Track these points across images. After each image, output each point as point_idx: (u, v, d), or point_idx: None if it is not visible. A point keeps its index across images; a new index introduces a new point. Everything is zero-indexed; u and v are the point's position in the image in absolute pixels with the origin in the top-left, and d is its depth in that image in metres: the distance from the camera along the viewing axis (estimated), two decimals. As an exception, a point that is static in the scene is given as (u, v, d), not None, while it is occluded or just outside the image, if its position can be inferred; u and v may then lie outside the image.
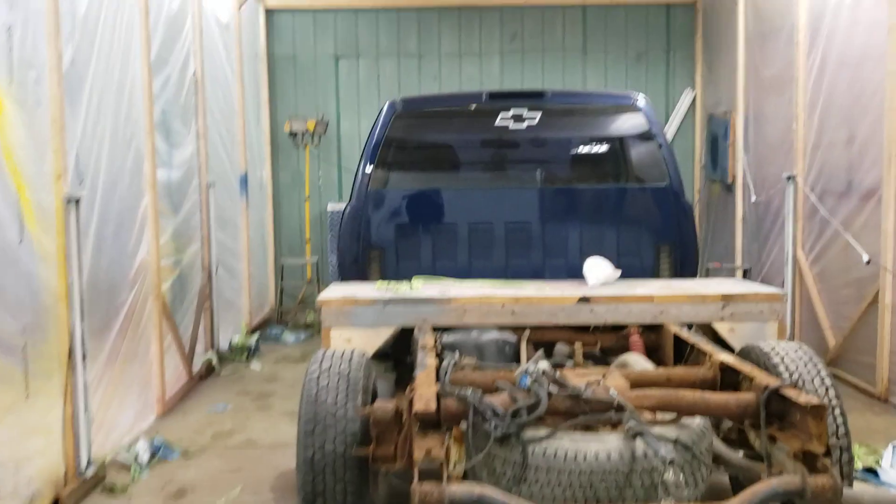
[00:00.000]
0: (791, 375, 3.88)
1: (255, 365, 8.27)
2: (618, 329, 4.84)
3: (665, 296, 4.74)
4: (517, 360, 4.53)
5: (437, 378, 3.66)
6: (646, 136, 6.08)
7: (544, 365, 3.47)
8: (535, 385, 3.31)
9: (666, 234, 6.05)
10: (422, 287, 5.14)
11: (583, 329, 4.90)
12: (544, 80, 11.08)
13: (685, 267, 6.09)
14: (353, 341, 4.69)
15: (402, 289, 4.98)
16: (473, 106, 6.15)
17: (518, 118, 6.04)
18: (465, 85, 11.03)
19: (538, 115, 6.05)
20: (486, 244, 6.02)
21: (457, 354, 3.98)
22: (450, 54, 11.15)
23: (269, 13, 10.96)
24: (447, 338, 4.53)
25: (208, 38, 8.27)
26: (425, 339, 4.33)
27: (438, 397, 3.21)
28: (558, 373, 3.52)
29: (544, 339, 4.90)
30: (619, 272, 5.36)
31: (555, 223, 6.03)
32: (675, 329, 4.57)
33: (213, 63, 8.44)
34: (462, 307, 4.70)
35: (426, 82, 11.04)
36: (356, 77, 11.11)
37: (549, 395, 3.29)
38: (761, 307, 4.71)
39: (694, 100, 11.23)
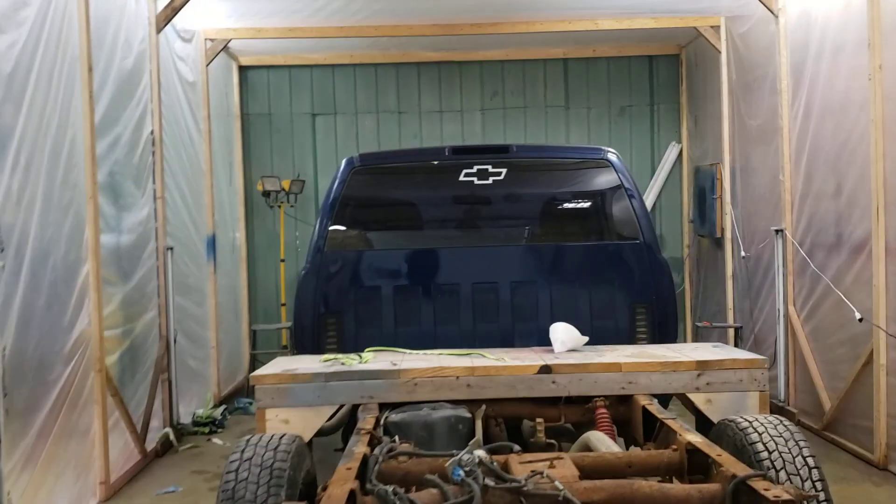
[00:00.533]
0: (770, 455, 3.44)
1: (218, 440, 7.78)
2: (584, 401, 4.39)
3: (634, 363, 4.30)
4: (471, 438, 4.07)
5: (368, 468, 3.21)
6: (616, 191, 5.71)
7: (481, 453, 3.03)
8: (468, 478, 2.87)
9: (641, 292, 5.63)
10: (372, 359, 4.71)
11: (549, 401, 4.46)
12: (527, 136, 10.78)
13: (664, 328, 5.65)
14: (291, 423, 4.24)
15: (349, 362, 4.55)
16: (436, 161, 5.80)
17: (483, 174, 5.68)
18: (448, 142, 10.73)
19: (503, 170, 5.69)
20: (451, 308, 5.60)
21: (390, 440, 3.53)
22: (430, 111, 10.88)
23: (243, 70, 10.73)
24: (394, 416, 4.08)
25: (170, 96, 8.00)
26: (364, 421, 3.88)
27: (353, 497, 2.76)
28: (498, 462, 3.07)
29: (504, 414, 4.45)
30: (585, 338, 4.94)
31: (524, 284, 5.62)
32: (644, 401, 4.12)
33: (175, 122, 8.15)
34: (412, 381, 4.26)
35: (406, 139, 10.75)
36: (333, 134, 10.84)
37: (485, 489, 2.85)
38: (741, 375, 4.27)
39: (680, 153, 10.91)
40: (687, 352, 4.64)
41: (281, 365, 4.64)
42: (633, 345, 5.19)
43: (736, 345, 8.77)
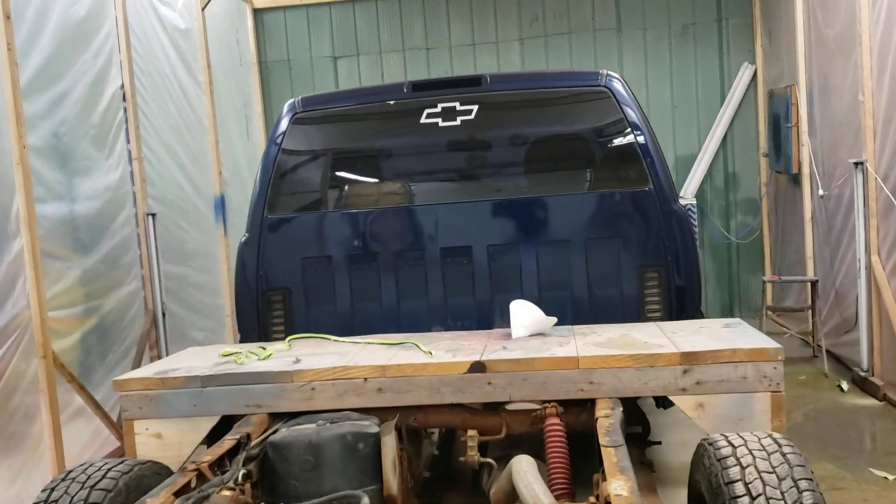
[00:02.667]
0: (755, 501, 2.38)
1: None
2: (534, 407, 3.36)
3: (595, 357, 3.22)
4: (377, 461, 3.13)
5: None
6: (619, 127, 4.53)
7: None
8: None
9: (651, 253, 4.48)
10: (283, 352, 3.81)
11: (489, 407, 3.46)
12: (573, 66, 9.50)
13: (682, 298, 4.50)
14: (164, 438, 3.41)
15: (248, 357, 3.66)
16: (392, 102, 4.76)
17: (449, 113, 4.61)
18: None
19: (474, 108, 4.60)
20: (416, 279, 4.62)
21: (222, 479, 2.63)
22: (462, 45, 9.74)
23: (258, 14, 9.86)
24: (278, 434, 3.18)
25: (149, 46, 7.22)
26: (210, 450, 3.00)
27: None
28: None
29: (430, 424, 3.48)
30: (552, 319, 3.87)
31: (504, 248, 4.57)
32: (602, 411, 3.05)
33: (158, 74, 7.38)
34: (309, 385, 3.34)
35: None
36: (357, 78, 9.86)
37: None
38: (744, 371, 3.13)
39: (754, 75, 9.37)
40: (682, 336, 3.50)
41: (152, 367, 3.80)
42: (630, 323, 4.08)
43: (813, 302, 7.41)
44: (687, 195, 9.38)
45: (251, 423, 3.27)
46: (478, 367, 3.26)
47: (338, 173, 4.88)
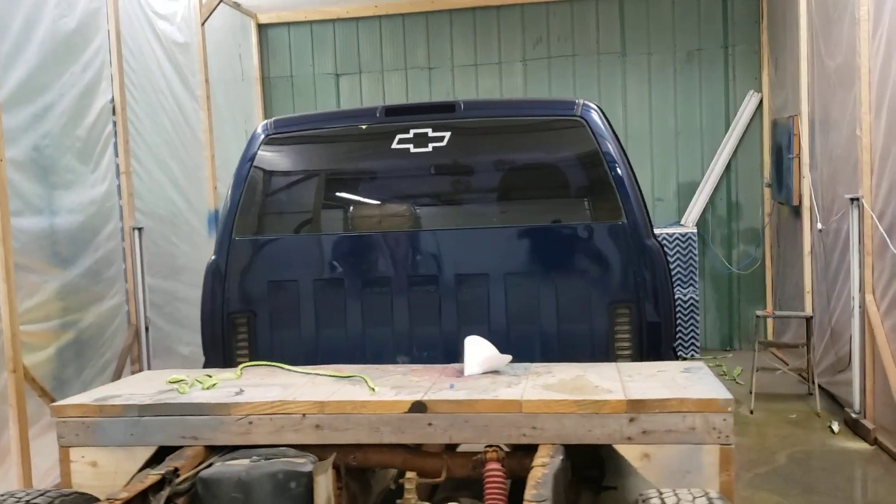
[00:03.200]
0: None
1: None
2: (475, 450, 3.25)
3: (539, 402, 3.10)
4: (310, 501, 3.03)
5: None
6: (592, 159, 4.41)
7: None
8: None
9: (623, 289, 4.35)
10: (230, 380, 3.73)
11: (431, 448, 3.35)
12: (576, 88, 9.40)
13: (654, 336, 4.37)
14: (100, 466, 3.33)
15: (194, 385, 3.58)
16: (364, 126, 4.68)
17: (420, 140, 4.52)
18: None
19: (446, 134, 4.51)
20: (382, 307, 4.52)
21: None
22: (464, 65, 9.68)
23: (262, 29, 9.87)
24: (208, 470, 3.09)
25: (143, 60, 7.23)
26: (141, 480, 2.92)
27: None
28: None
29: (369, 464, 3.37)
30: (507, 357, 3.75)
31: (471, 278, 4.45)
32: (540, 459, 2.93)
33: (152, 88, 7.38)
34: (247, 419, 3.25)
35: (438, 98, 9.61)
36: (359, 96, 9.83)
37: None
38: (692, 422, 2.99)
39: (760, 104, 9.22)
40: (636, 381, 3.37)
41: (110, 389, 3.72)
42: (590, 364, 3.95)
43: (808, 338, 7.23)
44: (688, 223, 9.23)
45: (185, 457, 3.18)
46: (418, 406, 3.16)
47: (306, 197, 4.80)
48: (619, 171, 4.40)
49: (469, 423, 3.14)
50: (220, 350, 4.69)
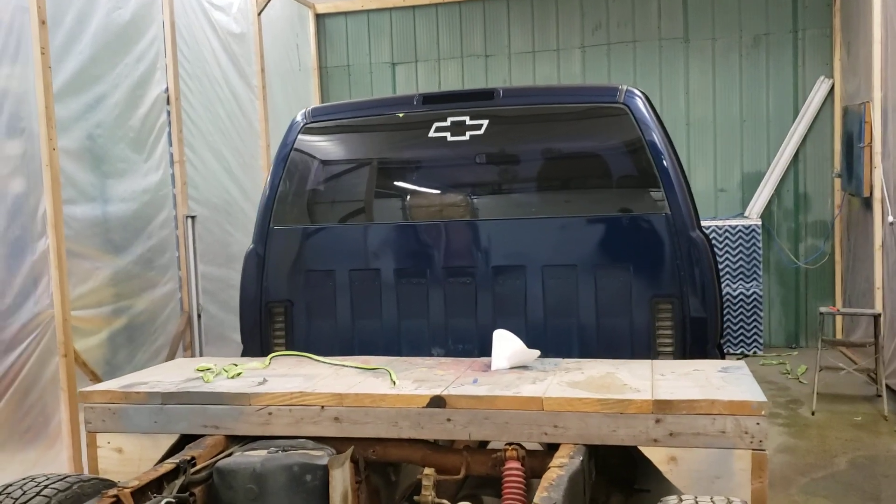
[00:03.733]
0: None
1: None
2: (495, 448, 3.15)
3: (562, 399, 2.98)
4: (326, 495, 2.99)
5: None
6: (635, 147, 4.25)
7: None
8: None
9: (665, 283, 4.18)
10: (264, 368, 3.72)
11: (451, 443, 3.28)
12: (636, 76, 9.16)
13: (698, 332, 4.19)
14: (125, 453, 3.37)
15: (220, 374, 3.58)
16: (401, 114, 4.61)
17: (458, 128, 4.43)
18: (543, 87, 9.36)
19: (484, 122, 4.40)
20: (418, 298, 4.45)
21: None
22: (522, 52, 9.51)
23: (320, 19, 9.89)
24: (227, 460, 3.07)
25: (199, 51, 7.31)
26: (156, 469, 2.92)
27: None
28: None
29: (389, 459, 3.31)
30: (535, 353, 3.64)
31: (508, 270, 4.35)
32: (558, 460, 2.82)
33: (207, 78, 7.46)
34: (266, 410, 3.22)
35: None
36: (415, 85, 9.77)
37: None
38: (722, 424, 2.84)
39: (831, 90, 8.80)
40: (668, 380, 3.22)
41: (138, 376, 3.75)
42: (624, 360, 3.81)
43: (875, 337, 6.88)
44: (752, 215, 8.89)
45: (204, 445, 3.18)
46: (437, 401, 3.08)
47: (343, 186, 4.76)
48: (663, 160, 4.23)
49: (489, 420, 3.05)
50: (257, 338, 4.71)
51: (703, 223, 8.45)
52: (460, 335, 4.48)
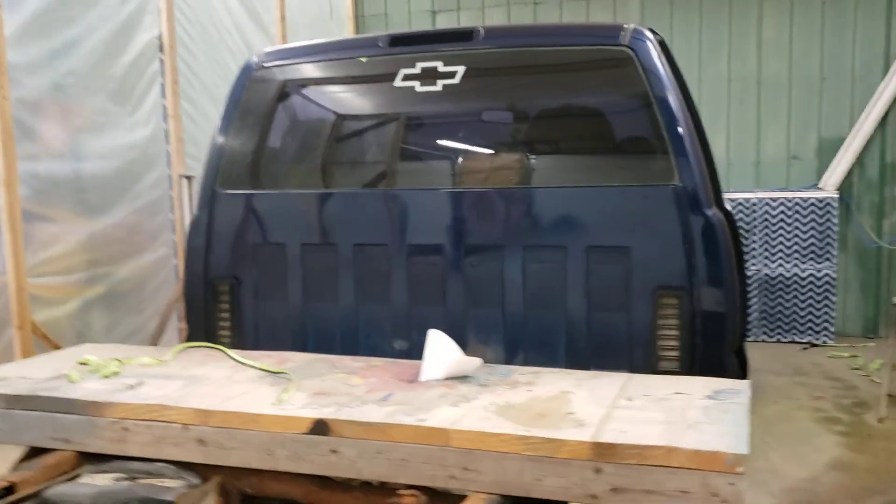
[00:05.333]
0: None
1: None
2: (390, 488, 2.42)
3: (472, 434, 2.23)
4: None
5: None
6: (641, 102, 3.38)
7: None
8: None
9: (672, 272, 3.34)
10: (159, 364, 3.08)
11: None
12: (702, 28, 8.09)
13: (711, 335, 3.35)
14: (-26, 461, 2.80)
15: (102, 370, 2.96)
16: (365, 59, 3.86)
17: (428, 76, 3.65)
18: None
19: (459, 69, 3.61)
20: (379, 278, 3.74)
21: None
22: (573, 0, 8.56)
23: (355, -36, 9.16)
24: (52, 490, 2.45)
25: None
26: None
27: None
28: None
29: (267, 494, 2.62)
30: (476, 361, 2.88)
31: (483, 250, 3.58)
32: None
33: (213, 24, 6.84)
34: (120, 424, 2.58)
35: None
36: (455, 36, 8.92)
37: None
38: (684, 482, 2.04)
39: (930, 42, 7.56)
40: (632, 410, 2.41)
41: (8, 369, 3.16)
42: (593, 373, 3.01)
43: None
44: (828, 186, 7.77)
45: (47, 464, 2.56)
46: (320, 427, 2.37)
47: (298, 145, 4.06)
48: (675, 119, 3.37)
49: (382, 456, 2.32)
50: (201, 321, 4.09)
51: (771, 195, 7.46)
52: (426, 326, 3.74)
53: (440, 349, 2.81)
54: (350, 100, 3.98)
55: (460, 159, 3.74)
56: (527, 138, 3.70)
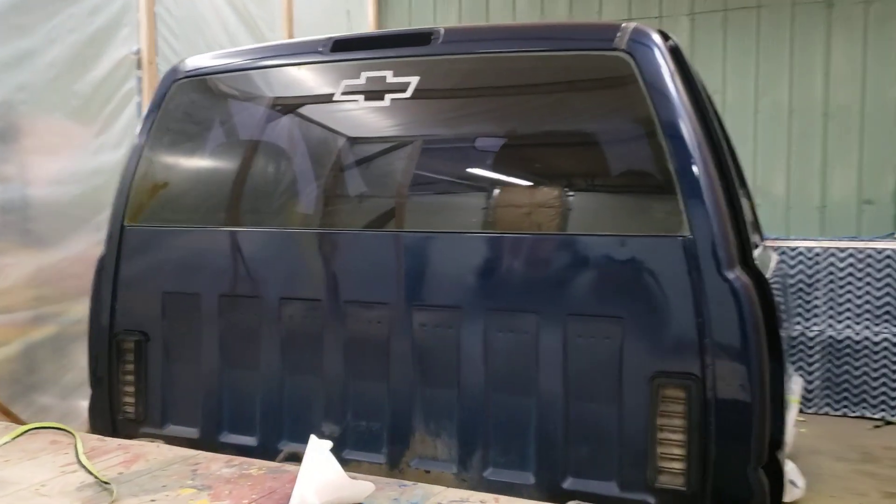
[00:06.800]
0: None
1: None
2: None
3: None
4: None
5: None
6: (642, 123, 2.55)
7: None
8: None
9: (677, 353, 2.48)
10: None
11: None
12: (759, 52, 7.14)
13: (730, 442, 2.46)
14: None
15: None
16: (305, 67, 3.10)
17: (376, 88, 2.88)
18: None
19: (412, 80, 2.83)
20: (308, 344, 2.97)
21: None
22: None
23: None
24: None
25: (193, 7, 6.09)
26: None
27: None
28: None
29: None
30: (368, 487, 2.05)
31: (437, 311, 2.77)
32: None
33: (205, 41, 6.20)
34: None
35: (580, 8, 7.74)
36: (484, 9, 8.24)
37: None
38: None
39: None
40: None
41: None
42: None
43: None
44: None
45: None
46: None
47: (219, 172, 3.30)
48: (687, 150, 2.53)
49: None
50: (105, 383, 3.36)
51: (838, 244, 6.40)
52: (365, 406, 2.95)
53: (319, 466, 1.98)
54: (282, 118, 3.22)
55: (409, 194, 2.93)
56: (493, 169, 2.87)
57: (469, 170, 2.90)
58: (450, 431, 2.77)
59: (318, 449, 2.00)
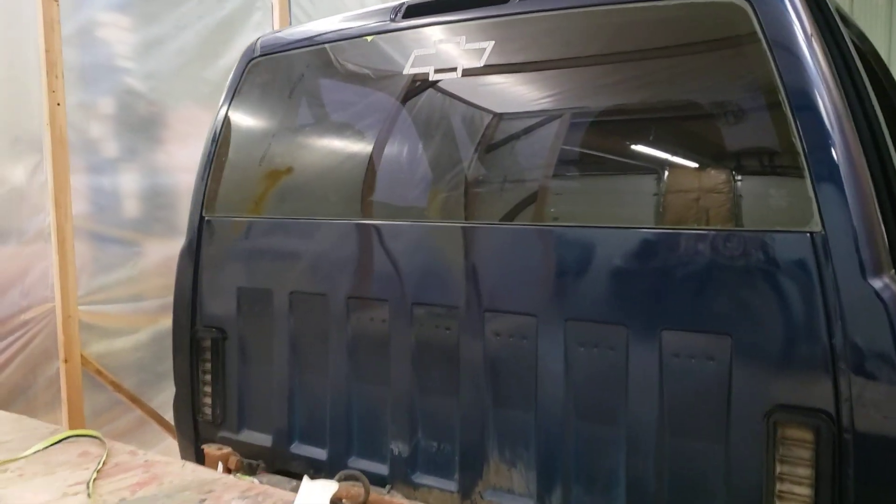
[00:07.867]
0: None
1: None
2: None
3: None
4: None
5: None
6: (761, 86, 1.99)
7: None
8: None
9: (804, 382, 1.92)
10: (25, 461, 2.19)
11: None
12: None
13: (872, 489, 1.88)
14: None
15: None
16: (370, 38, 2.72)
17: (446, 57, 2.48)
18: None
19: (487, 46, 2.40)
20: (375, 348, 2.63)
21: None
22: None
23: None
24: None
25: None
26: None
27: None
28: None
29: None
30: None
31: (509, 319, 2.35)
32: None
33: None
34: None
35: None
36: None
37: None
38: None
39: None
40: None
41: None
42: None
43: None
44: None
45: None
46: None
47: (292, 157, 3.00)
48: (819, 119, 1.97)
49: None
50: (187, 381, 3.22)
51: None
52: (434, 424, 2.58)
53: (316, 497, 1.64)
54: (352, 96, 2.88)
55: (487, 183, 2.51)
56: (579, 149, 2.39)
57: (553, 149, 2.40)
58: (525, 460, 2.35)
59: (314, 489, 1.66)
